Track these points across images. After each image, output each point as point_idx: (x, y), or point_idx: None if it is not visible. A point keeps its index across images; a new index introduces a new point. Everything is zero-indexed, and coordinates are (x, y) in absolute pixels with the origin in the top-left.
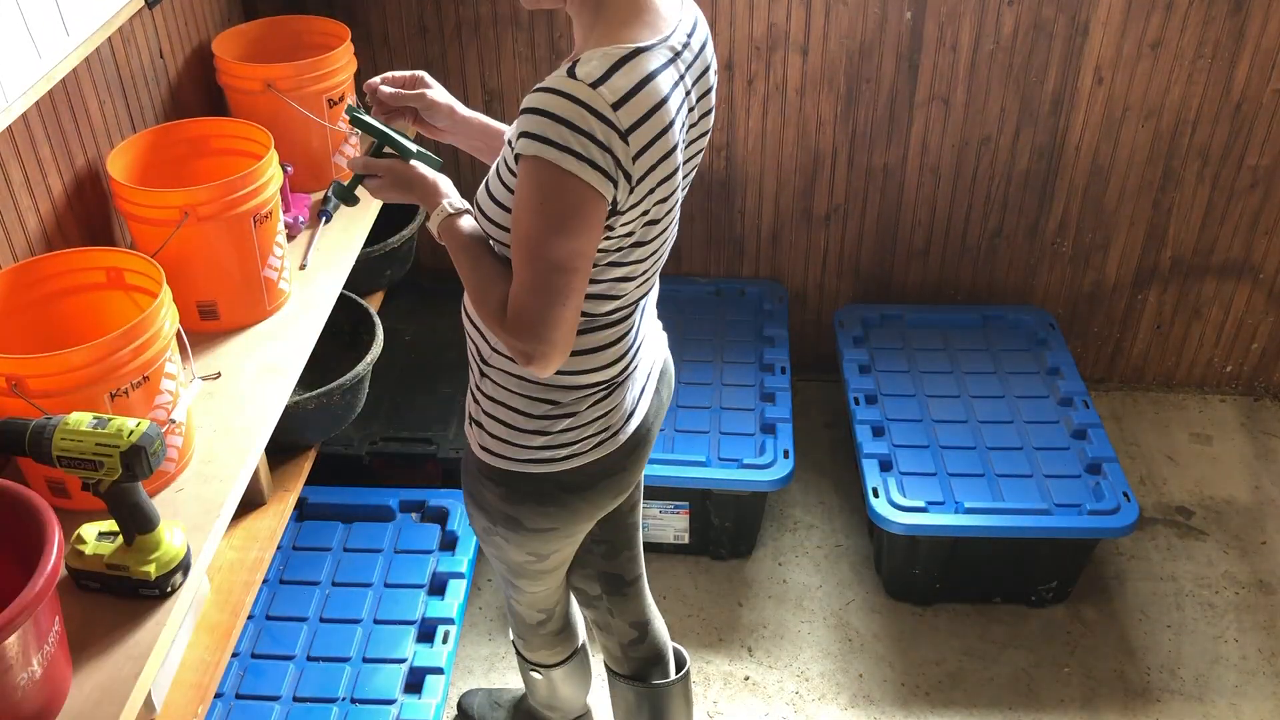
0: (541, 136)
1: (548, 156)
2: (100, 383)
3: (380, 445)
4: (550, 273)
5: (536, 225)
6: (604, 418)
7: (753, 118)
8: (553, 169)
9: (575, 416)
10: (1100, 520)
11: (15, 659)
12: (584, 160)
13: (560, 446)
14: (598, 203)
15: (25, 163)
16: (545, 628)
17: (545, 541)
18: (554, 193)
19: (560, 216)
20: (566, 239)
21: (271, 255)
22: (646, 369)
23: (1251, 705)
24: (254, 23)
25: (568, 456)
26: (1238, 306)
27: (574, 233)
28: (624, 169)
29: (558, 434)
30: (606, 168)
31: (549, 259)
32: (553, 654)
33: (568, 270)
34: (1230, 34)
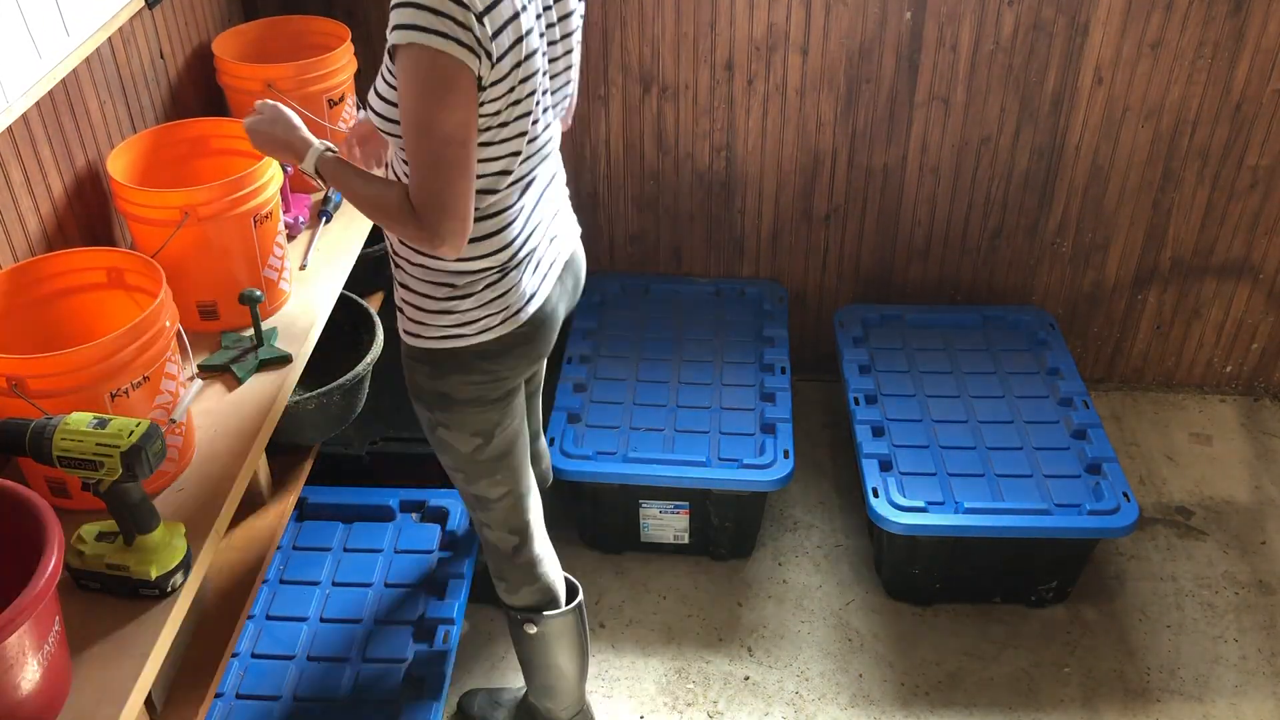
0: (410, 25)
1: (418, 40)
2: (100, 383)
3: (380, 445)
4: (443, 147)
5: (421, 105)
6: (502, 298)
7: (753, 118)
8: (424, 50)
9: (474, 297)
10: (1100, 520)
11: (15, 659)
12: (449, 39)
13: (468, 324)
14: (467, 75)
15: (25, 163)
16: (521, 555)
17: (479, 414)
18: (430, 72)
19: (439, 92)
20: (449, 111)
21: (271, 255)
22: (549, 258)
23: (1251, 705)
24: (254, 23)
25: (478, 331)
26: (1238, 306)
27: (454, 105)
28: (484, 47)
29: (464, 313)
30: (470, 44)
31: (438, 134)
32: (535, 592)
33: (456, 142)
34: (1230, 34)
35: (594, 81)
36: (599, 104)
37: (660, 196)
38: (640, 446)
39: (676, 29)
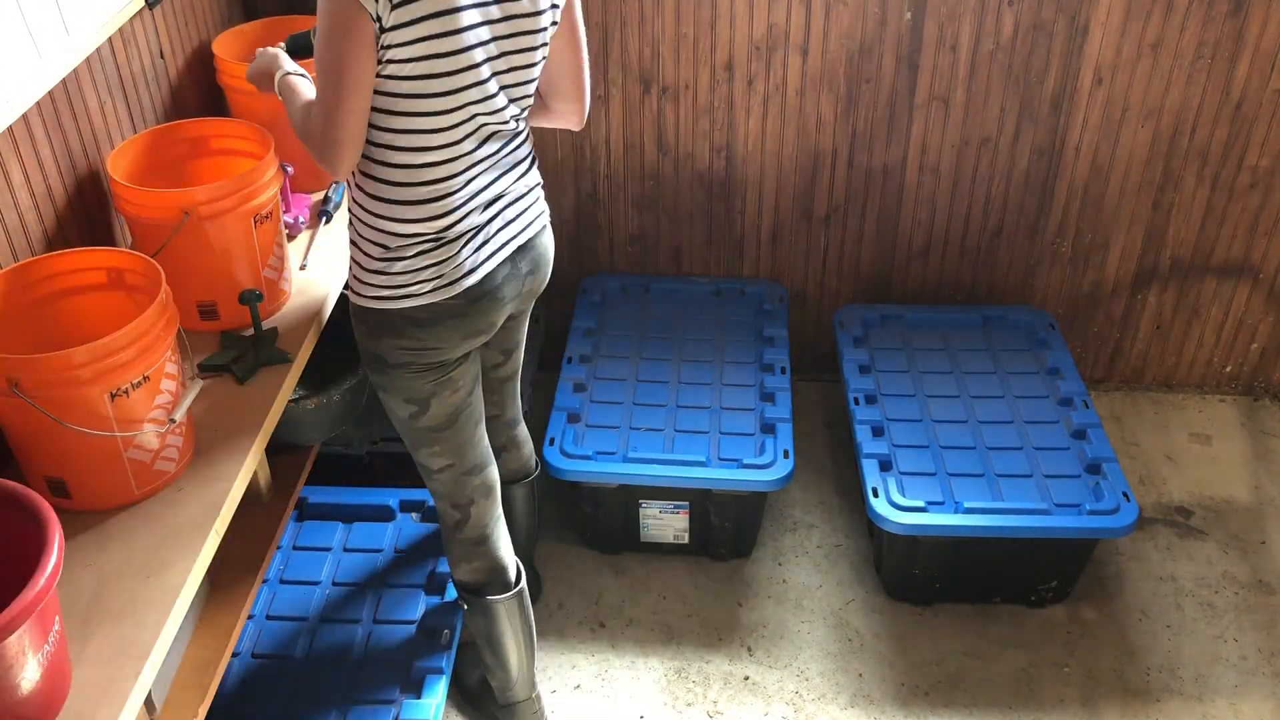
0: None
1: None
2: (100, 383)
3: (380, 445)
4: (332, 76)
5: (320, 43)
6: (435, 266)
7: (753, 118)
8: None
9: (405, 261)
10: (1100, 520)
11: (15, 659)
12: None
13: (397, 287)
14: (362, 16)
15: (25, 163)
16: (462, 531)
17: (410, 380)
18: (330, 12)
19: (333, 29)
20: (337, 43)
21: (272, 255)
22: (500, 238)
23: (1251, 705)
24: (254, 23)
25: (404, 295)
26: (1237, 307)
27: (342, 37)
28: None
29: (394, 275)
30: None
31: (327, 65)
32: (474, 571)
33: (343, 72)
34: (1230, 34)
35: (594, 81)
36: (599, 104)
37: (660, 196)
38: (640, 446)
39: (676, 29)
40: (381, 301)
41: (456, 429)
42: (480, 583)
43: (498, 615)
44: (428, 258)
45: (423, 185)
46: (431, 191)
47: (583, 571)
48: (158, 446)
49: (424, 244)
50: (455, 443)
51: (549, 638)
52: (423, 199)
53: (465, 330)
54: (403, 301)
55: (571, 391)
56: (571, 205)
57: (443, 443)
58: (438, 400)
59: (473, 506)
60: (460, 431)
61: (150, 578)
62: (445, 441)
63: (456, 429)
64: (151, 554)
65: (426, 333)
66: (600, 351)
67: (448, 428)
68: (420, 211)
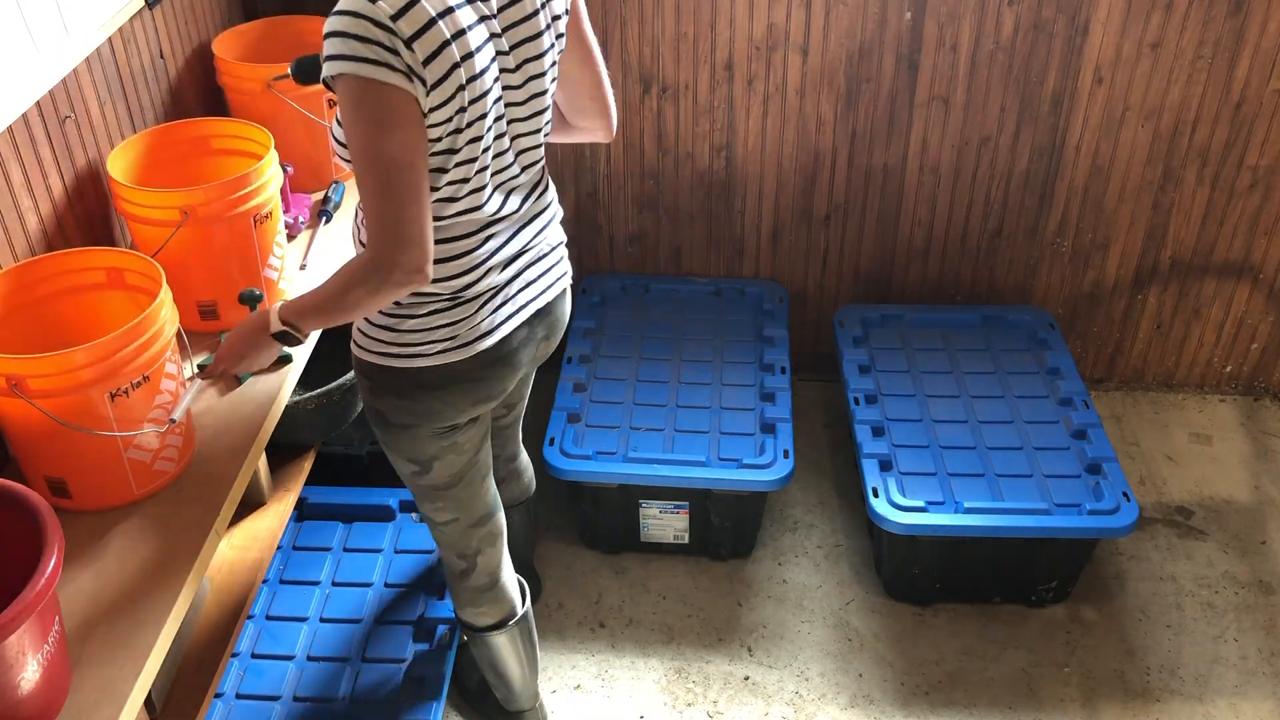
0: (339, 55)
1: (349, 70)
2: (100, 383)
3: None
4: (389, 173)
5: (362, 133)
6: (450, 326)
7: (753, 118)
8: (357, 80)
9: (418, 320)
10: (1100, 520)
11: (15, 659)
12: (380, 65)
13: (406, 345)
14: (407, 98)
15: (25, 163)
16: (468, 580)
17: (414, 442)
18: (365, 99)
19: (377, 117)
20: (392, 134)
21: (272, 255)
22: (519, 300)
23: (1251, 705)
24: (254, 23)
25: (414, 355)
26: (1238, 306)
27: (396, 126)
28: (417, 73)
29: (403, 333)
30: (403, 69)
31: (383, 160)
32: (480, 615)
33: (403, 166)
34: (1230, 34)
35: None
36: None
37: (660, 196)
38: (640, 446)
39: (676, 29)
40: (387, 359)
41: (462, 486)
42: (489, 625)
43: (500, 646)
44: (442, 317)
45: (440, 244)
46: (451, 250)
47: (583, 571)
48: (158, 446)
49: (439, 303)
50: (460, 499)
51: (549, 638)
52: (440, 258)
53: (476, 395)
54: (411, 361)
55: (571, 391)
56: (571, 205)
57: (447, 499)
58: (440, 463)
59: (480, 555)
60: (466, 489)
61: (150, 578)
62: (450, 499)
63: (462, 486)
64: (151, 554)
65: (434, 396)
66: (600, 351)
67: (453, 486)
68: (437, 271)
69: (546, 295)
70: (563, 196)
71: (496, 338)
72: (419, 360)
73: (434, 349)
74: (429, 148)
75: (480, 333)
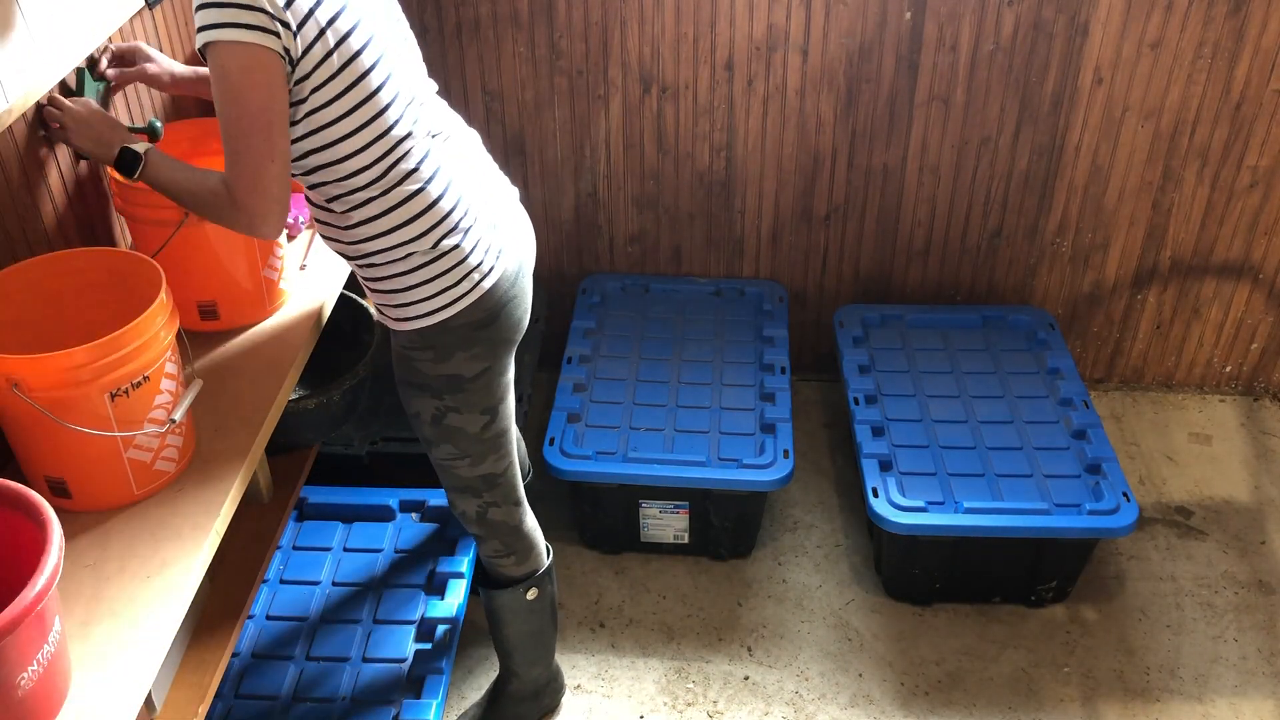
0: (205, 25)
1: (213, 37)
2: (100, 383)
3: (380, 445)
4: (247, 132)
5: (227, 97)
6: (471, 255)
7: (753, 118)
8: (220, 46)
9: (442, 259)
10: (1100, 520)
11: (15, 659)
12: (239, 26)
13: (450, 288)
14: (268, 56)
15: (25, 162)
16: (525, 522)
17: (486, 388)
18: (229, 64)
19: (240, 81)
20: (250, 95)
21: (272, 255)
22: (502, 216)
23: (1251, 705)
24: None
25: (461, 296)
26: (1237, 306)
27: (254, 87)
28: (279, 18)
29: (439, 279)
30: (262, 24)
31: (244, 120)
32: (535, 557)
33: (264, 126)
34: (1230, 34)
35: (594, 81)
36: (599, 104)
37: (660, 196)
38: (640, 446)
39: (676, 29)
40: (441, 313)
41: (511, 420)
42: (537, 566)
43: (548, 585)
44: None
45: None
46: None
47: (583, 571)
48: (158, 446)
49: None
50: (511, 436)
51: None
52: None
53: (518, 314)
54: (460, 303)
55: (571, 391)
56: (571, 205)
57: (505, 441)
58: (504, 402)
59: (523, 493)
60: (513, 421)
61: (150, 578)
62: (507, 439)
63: (511, 420)
64: (151, 554)
65: (491, 331)
66: (600, 351)
67: (509, 425)
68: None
69: (510, 199)
70: (562, 196)
71: (511, 253)
72: (467, 299)
73: (471, 283)
74: (319, 80)
75: (497, 252)
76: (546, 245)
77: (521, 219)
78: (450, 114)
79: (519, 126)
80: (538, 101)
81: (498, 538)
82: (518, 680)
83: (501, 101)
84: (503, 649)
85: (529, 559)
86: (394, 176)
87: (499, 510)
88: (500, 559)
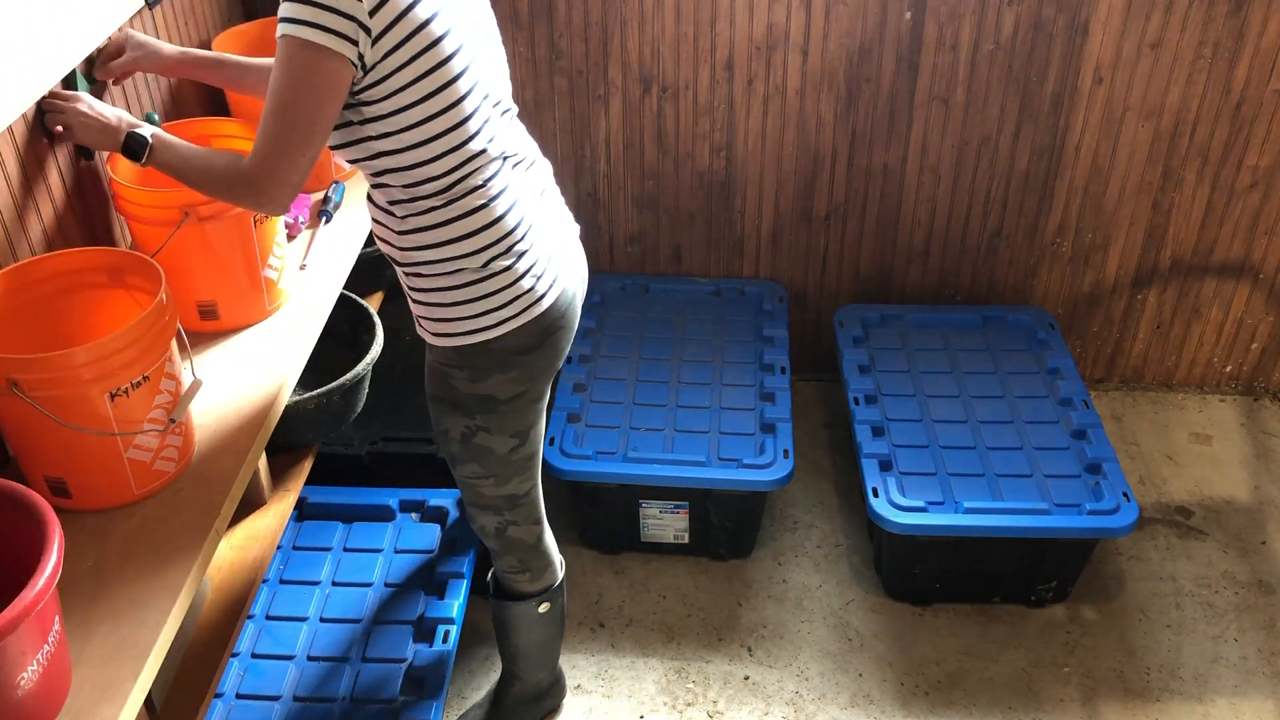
0: (287, 17)
1: (291, 32)
2: (100, 383)
3: (380, 445)
4: (289, 124)
5: (284, 84)
6: (523, 279)
7: (753, 118)
8: (296, 41)
9: (493, 279)
10: (1100, 520)
11: (15, 659)
12: (317, 28)
13: (497, 309)
14: (338, 65)
15: (25, 162)
16: (543, 541)
17: (519, 413)
18: (296, 59)
19: (301, 80)
20: (306, 95)
21: (272, 256)
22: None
23: (1251, 705)
24: (254, 23)
25: (507, 319)
26: (1237, 306)
27: (312, 89)
28: (363, 26)
29: (487, 298)
30: (342, 30)
31: (290, 113)
32: (551, 574)
33: (307, 123)
34: (1230, 34)
35: (594, 81)
36: (599, 104)
37: (660, 196)
38: (640, 446)
39: (676, 29)
40: (482, 333)
41: (540, 442)
42: (552, 581)
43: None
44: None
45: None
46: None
47: (583, 571)
48: (158, 446)
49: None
50: (539, 459)
51: None
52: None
53: (561, 344)
54: (504, 326)
55: (571, 391)
56: (571, 205)
57: (533, 464)
58: (535, 427)
59: (543, 511)
60: (542, 443)
61: (150, 578)
62: (535, 463)
63: (540, 442)
64: (151, 554)
65: (532, 357)
66: (600, 351)
67: (538, 449)
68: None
69: (572, 230)
70: (563, 196)
71: (563, 283)
72: (511, 323)
73: (520, 306)
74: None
75: (551, 280)
76: None
77: (579, 253)
78: (527, 139)
79: None
80: (538, 101)
81: (514, 554)
82: (520, 683)
83: None
84: (508, 654)
85: (544, 575)
86: (460, 190)
87: (519, 529)
88: (515, 574)
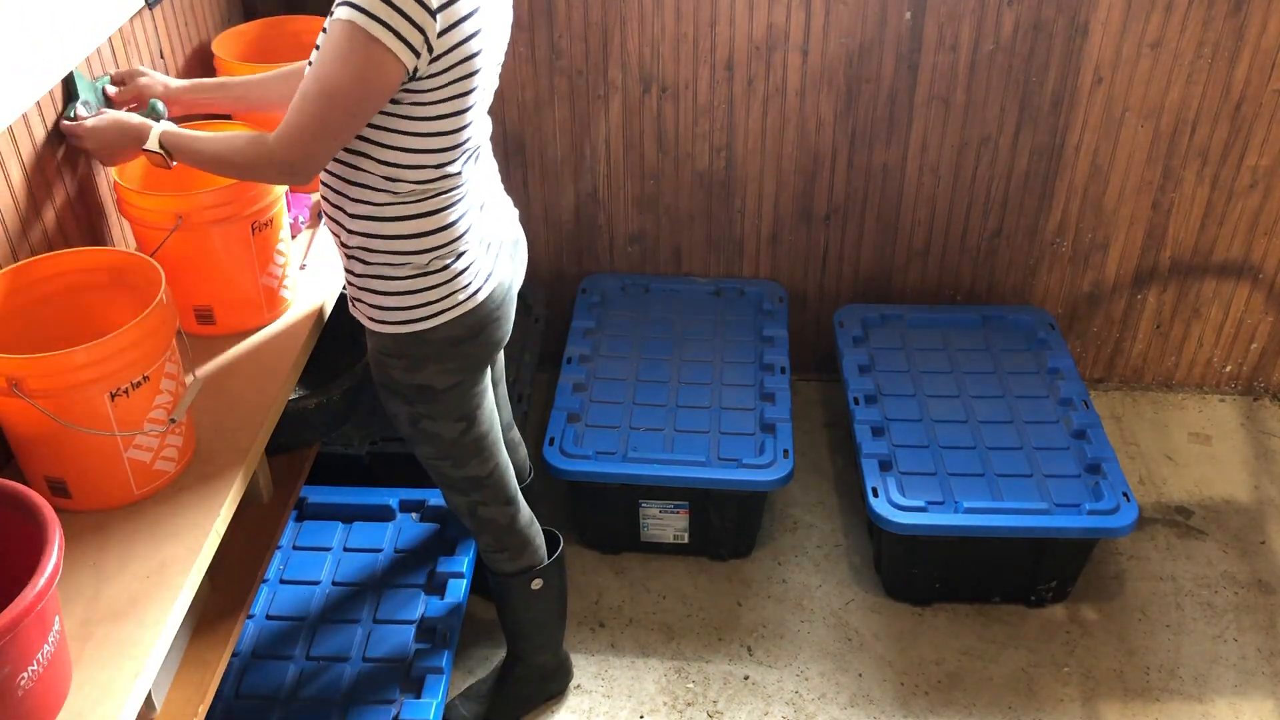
0: (360, 6)
1: (360, 22)
2: (100, 383)
3: (380, 445)
4: (334, 110)
5: (333, 70)
6: (462, 275)
7: (753, 118)
8: (363, 33)
9: (432, 275)
10: (1100, 520)
11: (15, 659)
12: (389, 29)
13: (433, 303)
14: (396, 69)
15: (25, 163)
16: (518, 520)
17: (459, 400)
18: (356, 51)
19: (355, 72)
20: (358, 88)
21: (272, 264)
22: (499, 237)
23: (1251, 705)
24: (254, 23)
25: (442, 311)
26: (1237, 306)
27: (363, 83)
28: (429, 43)
29: (425, 292)
30: (411, 40)
31: (338, 101)
32: (533, 551)
33: (349, 113)
34: (1230, 34)
35: (594, 81)
36: (599, 104)
37: (660, 196)
38: (640, 446)
39: (676, 29)
40: (421, 323)
41: (495, 427)
42: (538, 557)
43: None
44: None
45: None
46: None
47: (583, 571)
48: (158, 446)
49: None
50: (496, 439)
51: None
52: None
53: (497, 335)
54: (442, 317)
55: (571, 391)
56: (571, 205)
57: (488, 443)
58: (481, 408)
59: (518, 494)
60: (496, 428)
61: (150, 578)
62: (491, 441)
63: (495, 427)
64: (151, 554)
65: (468, 347)
66: (600, 351)
67: (490, 429)
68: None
69: (513, 228)
70: (562, 197)
71: (498, 277)
72: (449, 313)
73: (458, 299)
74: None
75: (486, 274)
76: (546, 245)
77: (518, 239)
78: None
79: (519, 126)
80: (538, 101)
81: (489, 534)
82: (523, 665)
83: (501, 101)
84: (508, 630)
85: (523, 555)
86: (434, 189)
87: (488, 509)
88: (494, 554)
